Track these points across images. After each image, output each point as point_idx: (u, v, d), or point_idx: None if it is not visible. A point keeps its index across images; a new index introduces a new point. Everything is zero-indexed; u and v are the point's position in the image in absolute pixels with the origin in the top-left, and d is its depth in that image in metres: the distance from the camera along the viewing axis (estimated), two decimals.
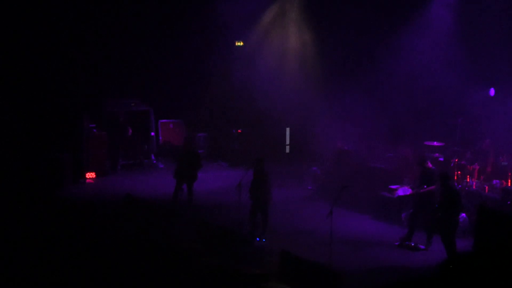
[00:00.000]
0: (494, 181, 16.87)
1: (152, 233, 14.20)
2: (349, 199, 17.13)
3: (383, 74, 21.21)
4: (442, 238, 14.19)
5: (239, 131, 24.90)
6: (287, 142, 25.07)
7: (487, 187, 16.82)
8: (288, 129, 24.99)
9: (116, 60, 23.75)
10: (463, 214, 15.68)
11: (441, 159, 18.22)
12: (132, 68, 24.13)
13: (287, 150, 25.06)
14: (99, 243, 13.07)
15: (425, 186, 15.18)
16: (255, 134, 24.62)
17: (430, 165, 15.59)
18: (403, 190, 17.12)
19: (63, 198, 18.65)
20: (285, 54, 24.30)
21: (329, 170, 20.06)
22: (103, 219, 15.14)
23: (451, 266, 7.48)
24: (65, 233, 13.75)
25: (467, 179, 17.43)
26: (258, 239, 15.31)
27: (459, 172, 17.67)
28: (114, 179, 21.72)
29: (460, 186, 16.98)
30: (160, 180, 21.11)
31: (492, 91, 19.32)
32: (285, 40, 24.38)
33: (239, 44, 24.82)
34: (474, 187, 17.08)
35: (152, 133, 24.11)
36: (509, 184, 16.77)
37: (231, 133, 24.99)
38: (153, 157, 23.99)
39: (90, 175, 21.62)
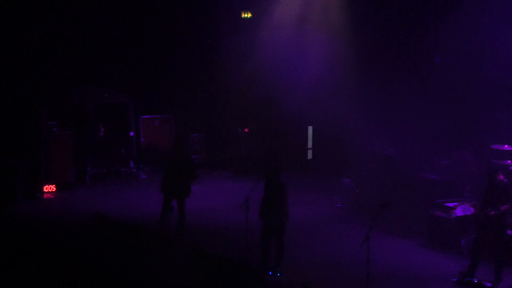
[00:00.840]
0: None
1: (130, 266, 14.14)
2: (392, 220, 17.19)
3: (437, 53, 21.03)
4: None
5: (246, 130, 24.88)
6: (310, 145, 25.07)
7: None
8: (310, 128, 24.98)
9: (84, 37, 23.72)
10: None
11: None
12: (105, 48, 24.08)
13: (310, 155, 25.08)
14: (61, 281, 12.94)
15: (495, 205, 15.01)
16: (267, 135, 24.62)
17: (501, 177, 15.41)
18: (463, 209, 17.07)
19: (14, 219, 18.67)
20: (308, 27, 24.03)
21: (366, 182, 20.09)
22: (66, 248, 15.09)
23: None
24: (17, 266, 13.71)
25: None
26: (271, 272, 15.25)
27: None
28: (81, 194, 21.74)
29: None
30: (142, 195, 21.15)
31: None
32: (308, 8, 24.11)
33: (246, 15, 24.76)
34: None
35: (132, 133, 24.13)
36: None
37: (235, 133, 24.98)
38: (132, 164, 24.00)
39: (50, 188, 21.65)
